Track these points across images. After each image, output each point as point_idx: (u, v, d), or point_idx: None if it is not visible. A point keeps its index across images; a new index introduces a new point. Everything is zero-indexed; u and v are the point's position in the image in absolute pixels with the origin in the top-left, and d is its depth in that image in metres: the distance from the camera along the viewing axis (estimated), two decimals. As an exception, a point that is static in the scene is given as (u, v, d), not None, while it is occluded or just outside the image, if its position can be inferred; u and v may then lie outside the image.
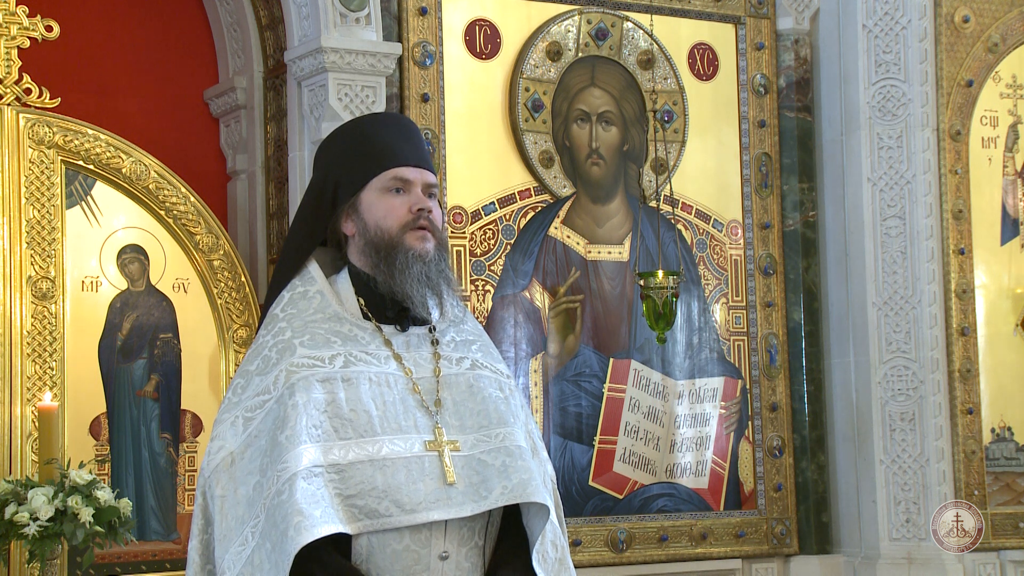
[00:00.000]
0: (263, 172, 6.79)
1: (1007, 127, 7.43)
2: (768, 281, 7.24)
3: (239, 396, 2.97)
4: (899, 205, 7.09)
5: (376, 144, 3.07)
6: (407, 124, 3.17)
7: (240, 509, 2.87)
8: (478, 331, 3.18)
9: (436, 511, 2.86)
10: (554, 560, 2.97)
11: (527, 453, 2.99)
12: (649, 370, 6.88)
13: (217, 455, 2.93)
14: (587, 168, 6.87)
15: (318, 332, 2.99)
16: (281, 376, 2.92)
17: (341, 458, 2.86)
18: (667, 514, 6.88)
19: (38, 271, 5.89)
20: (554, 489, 3.11)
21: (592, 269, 6.83)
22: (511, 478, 2.92)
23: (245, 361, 3.03)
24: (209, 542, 2.94)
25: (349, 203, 3.05)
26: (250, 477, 2.88)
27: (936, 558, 6.91)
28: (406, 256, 2.99)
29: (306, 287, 3.07)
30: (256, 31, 6.82)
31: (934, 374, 7.02)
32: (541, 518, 2.96)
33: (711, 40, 7.23)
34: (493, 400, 3.04)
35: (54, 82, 6.12)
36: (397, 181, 3.03)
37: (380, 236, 3.01)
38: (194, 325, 6.22)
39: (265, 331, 3.04)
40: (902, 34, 7.14)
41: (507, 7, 6.77)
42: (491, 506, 2.91)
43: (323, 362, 2.94)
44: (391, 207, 3.02)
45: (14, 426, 5.78)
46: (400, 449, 2.90)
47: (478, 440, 2.97)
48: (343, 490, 2.84)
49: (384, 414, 2.93)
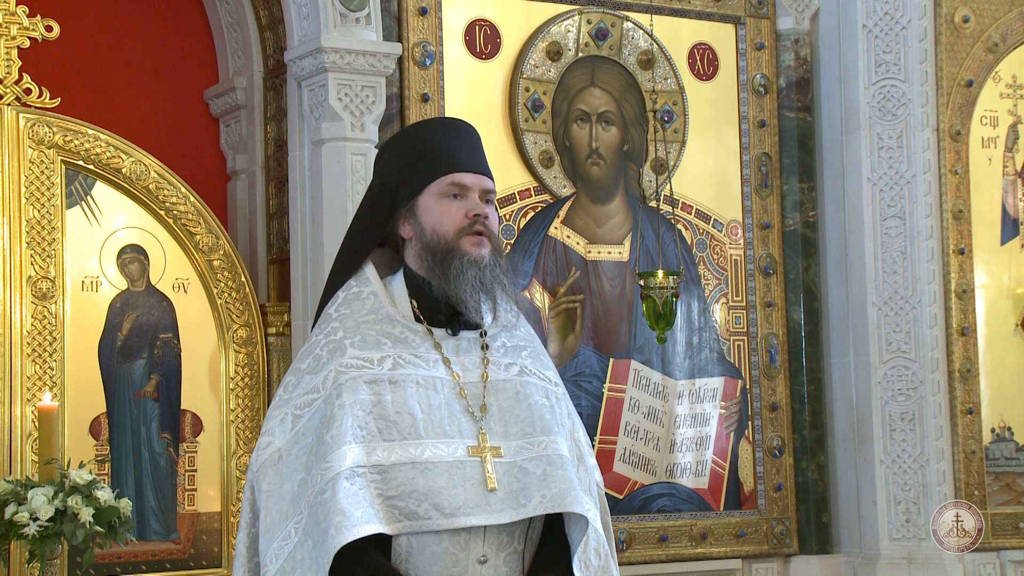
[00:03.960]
0: (263, 172, 6.79)
1: (1007, 127, 7.43)
2: (768, 281, 7.24)
3: (290, 393, 3.02)
4: (899, 205, 7.09)
5: (435, 149, 3.09)
6: (467, 129, 3.18)
7: (285, 505, 2.92)
8: (530, 337, 3.20)
9: (475, 516, 2.90)
10: (597, 568, 2.98)
11: (568, 462, 3.01)
12: (649, 370, 6.88)
13: (266, 450, 2.98)
14: (587, 168, 6.87)
15: (369, 333, 3.02)
16: (330, 376, 2.97)
17: (384, 459, 2.89)
18: (667, 514, 6.88)
19: (38, 271, 5.89)
20: (600, 496, 3.14)
21: (592, 269, 6.83)
22: (551, 487, 2.94)
23: (297, 359, 3.08)
24: (256, 536, 2.98)
25: (407, 207, 3.08)
26: (296, 474, 2.93)
27: (936, 558, 6.91)
28: (461, 261, 3.02)
29: (360, 288, 3.10)
30: (256, 31, 6.82)
31: (934, 374, 7.02)
32: (581, 527, 2.98)
33: (711, 40, 7.23)
34: (538, 408, 3.06)
35: (54, 82, 6.12)
36: (455, 187, 3.06)
37: (436, 240, 3.04)
38: (194, 325, 6.22)
39: (318, 330, 3.08)
40: (902, 34, 7.14)
41: (507, 7, 6.77)
42: (529, 515, 2.93)
43: (372, 363, 2.98)
44: (447, 212, 3.05)
45: (14, 426, 5.78)
46: (442, 453, 2.93)
47: (521, 447, 3.00)
48: (384, 491, 2.87)
49: (429, 418, 2.96)
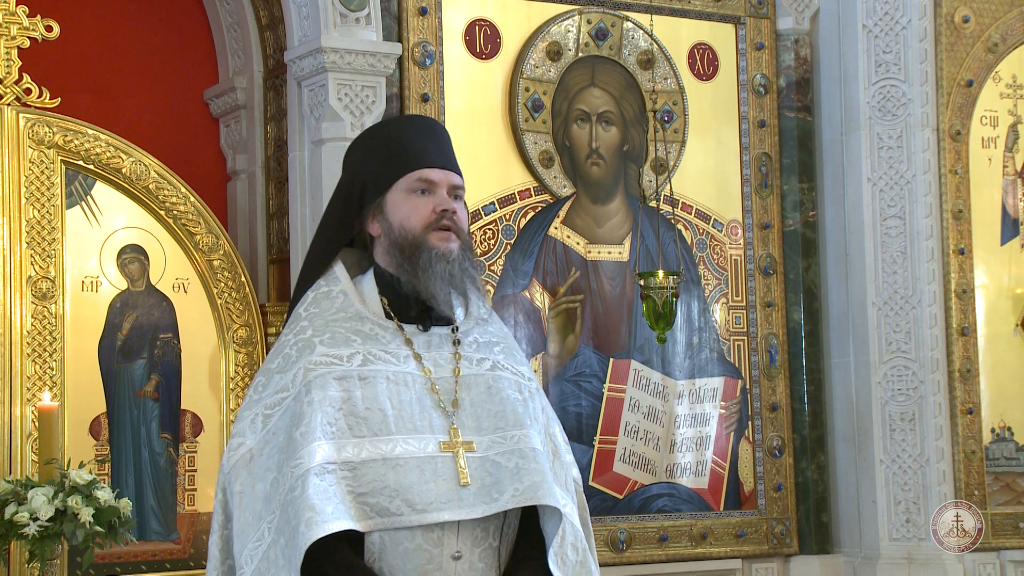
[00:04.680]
0: (263, 172, 6.79)
1: (1007, 127, 7.43)
2: (768, 281, 7.24)
3: (260, 394, 3.01)
4: (899, 205, 7.09)
5: (402, 145, 3.09)
6: (434, 126, 3.18)
7: (258, 505, 2.91)
8: (503, 332, 3.19)
9: (447, 512, 2.88)
10: (575, 563, 2.97)
11: (541, 456, 2.99)
12: (649, 370, 6.88)
13: (237, 451, 2.97)
14: (587, 168, 6.87)
15: (339, 331, 3.01)
16: (299, 374, 2.95)
17: (354, 456, 2.88)
18: (667, 514, 6.88)
19: (38, 271, 5.89)
20: (579, 492, 3.12)
21: (592, 269, 6.82)
22: (523, 480, 2.93)
23: (267, 359, 3.07)
24: (229, 538, 2.97)
25: (375, 204, 3.07)
26: (268, 473, 2.92)
27: (936, 558, 6.91)
28: (430, 255, 3.01)
29: (330, 287, 3.09)
30: (256, 31, 6.82)
31: (934, 374, 7.02)
32: (555, 521, 2.96)
33: (711, 40, 7.23)
34: (511, 402, 3.05)
35: (54, 82, 6.11)
36: (422, 182, 3.05)
37: (404, 236, 3.03)
38: (194, 325, 6.22)
39: (288, 330, 3.07)
40: (902, 34, 7.14)
41: (507, 7, 6.77)
42: (502, 508, 2.92)
43: (341, 360, 2.96)
44: (415, 207, 3.04)
45: (14, 426, 5.78)
46: (414, 449, 2.92)
47: (493, 442, 2.98)
48: (355, 488, 2.86)
49: (400, 413, 2.95)
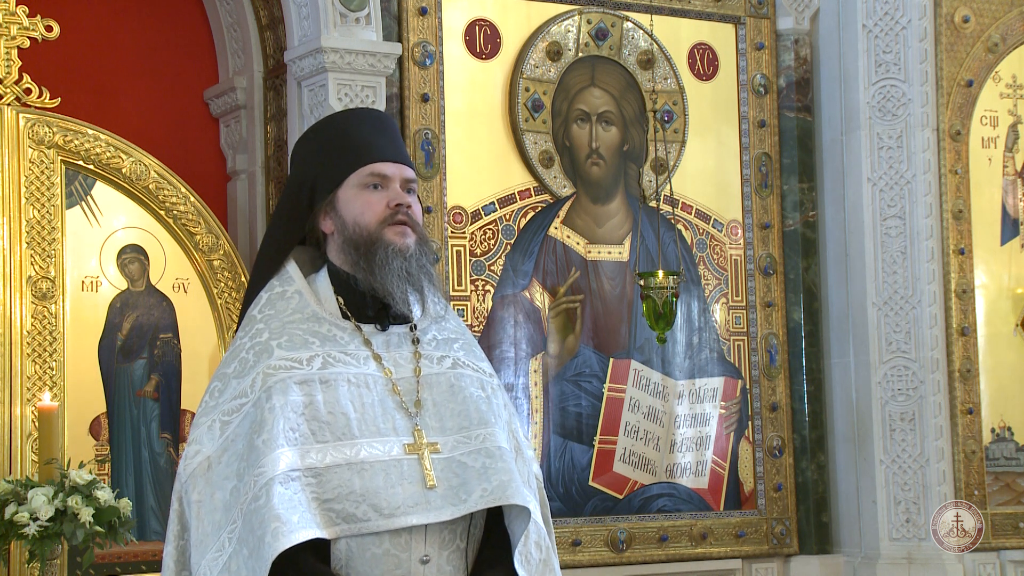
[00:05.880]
0: (263, 172, 6.79)
1: (1007, 127, 7.43)
2: (768, 281, 7.24)
3: (216, 400, 2.91)
4: (899, 205, 7.09)
5: (352, 140, 3.00)
6: (383, 118, 3.10)
7: (217, 514, 2.81)
8: (461, 329, 3.12)
9: (415, 515, 2.81)
10: (538, 561, 2.91)
11: (508, 454, 2.93)
12: (649, 370, 6.88)
13: (194, 459, 2.87)
14: (587, 168, 6.87)
15: (296, 333, 2.92)
16: (258, 379, 2.86)
17: (318, 462, 2.80)
18: (667, 514, 6.88)
19: (38, 271, 5.89)
20: (539, 489, 3.06)
21: (592, 269, 6.82)
22: (491, 480, 2.86)
23: (222, 364, 2.96)
24: (185, 548, 2.88)
25: (327, 200, 2.98)
26: (227, 482, 2.82)
27: (936, 558, 6.91)
28: (386, 251, 2.93)
29: (284, 287, 2.99)
30: (256, 31, 6.82)
31: (934, 374, 7.02)
32: (523, 520, 2.90)
33: (711, 40, 7.23)
34: (474, 400, 2.98)
35: (54, 82, 6.11)
36: (374, 177, 2.97)
37: (358, 232, 2.95)
38: (194, 325, 6.22)
39: (243, 333, 2.97)
40: (902, 34, 7.14)
41: (507, 7, 6.77)
42: (470, 509, 2.86)
43: (301, 364, 2.88)
44: (368, 203, 2.95)
45: (14, 426, 5.78)
46: (378, 452, 2.84)
47: (458, 442, 2.92)
48: (320, 494, 2.78)
49: (362, 416, 2.87)
